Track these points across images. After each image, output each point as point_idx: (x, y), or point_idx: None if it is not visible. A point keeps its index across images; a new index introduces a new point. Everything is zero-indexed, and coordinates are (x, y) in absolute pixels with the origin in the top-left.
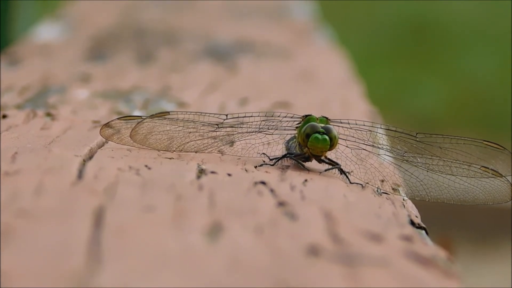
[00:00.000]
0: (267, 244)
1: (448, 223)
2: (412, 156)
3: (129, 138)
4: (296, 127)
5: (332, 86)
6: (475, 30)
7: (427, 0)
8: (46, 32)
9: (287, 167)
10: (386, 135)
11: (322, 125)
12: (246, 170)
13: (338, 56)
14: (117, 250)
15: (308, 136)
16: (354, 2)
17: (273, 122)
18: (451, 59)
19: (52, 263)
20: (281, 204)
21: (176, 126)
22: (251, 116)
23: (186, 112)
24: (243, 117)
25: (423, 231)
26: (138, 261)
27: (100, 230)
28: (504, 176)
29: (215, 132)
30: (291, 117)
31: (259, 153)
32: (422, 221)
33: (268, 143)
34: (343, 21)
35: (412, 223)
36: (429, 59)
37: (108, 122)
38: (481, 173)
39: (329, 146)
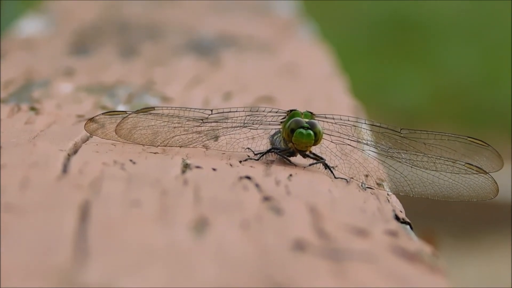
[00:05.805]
0: (253, 239)
1: (430, 217)
2: (397, 152)
3: (114, 133)
4: (281, 122)
5: (316, 81)
6: (453, 24)
7: None
8: (29, 26)
9: (272, 162)
10: (371, 130)
11: (307, 120)
12: (231, 165)
13: (322, 51)
14: (104, 244)
15: (292, 131)
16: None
17: (257, 117)
18: (431, 53)
19: (38, 257)
20: (266, 199)
21: (161, 121)
22: (236, 111)
23: (171, 107)
24: (228, 112)
25: (408, 226)
26: (125, 256)
27: (86, 225)
28: (488, 173)
29: (200, 127)
30: (276, 112)
31: (243, 147)
32: (406, 215)
33: (253, 138)
34: (324, 17)
35: (397, 218)
36: (410, 54)
37: (92, 117)
38: (465, 169)
39: (313, 141)
